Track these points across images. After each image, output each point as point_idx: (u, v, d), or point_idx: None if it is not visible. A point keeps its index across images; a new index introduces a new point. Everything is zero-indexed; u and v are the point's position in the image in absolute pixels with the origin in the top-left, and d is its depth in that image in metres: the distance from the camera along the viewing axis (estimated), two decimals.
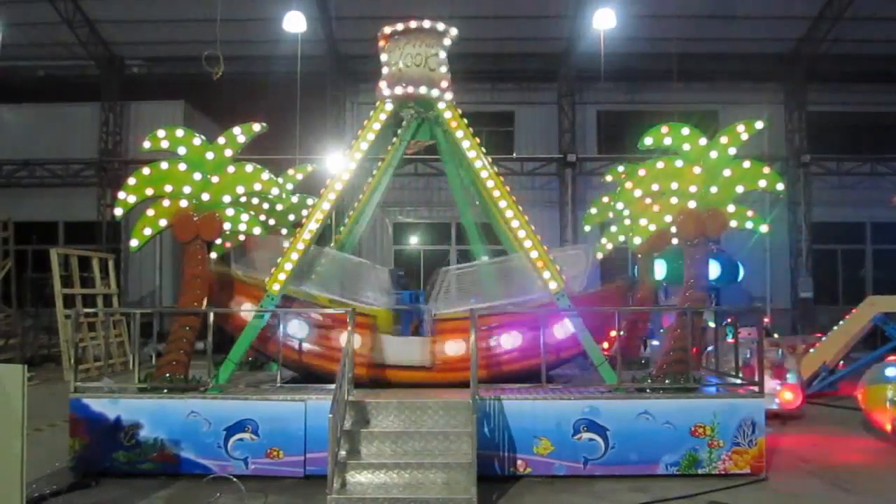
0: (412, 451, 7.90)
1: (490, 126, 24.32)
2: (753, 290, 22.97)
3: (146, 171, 9.23)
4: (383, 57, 9.83)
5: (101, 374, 10.43)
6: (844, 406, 12.68)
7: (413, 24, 9.68)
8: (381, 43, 9.84)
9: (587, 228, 12.87)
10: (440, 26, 9.69)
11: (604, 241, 11.83)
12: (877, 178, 24.85)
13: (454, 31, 9.73)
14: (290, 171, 12.11)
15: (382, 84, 9.78)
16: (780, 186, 9.59)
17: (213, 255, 10.69)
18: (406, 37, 9.71)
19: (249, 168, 9.34)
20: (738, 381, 9.30)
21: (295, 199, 11.89)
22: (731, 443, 8.44)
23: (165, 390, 8.77)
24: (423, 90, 9.67)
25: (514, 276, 10.19)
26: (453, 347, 9.61)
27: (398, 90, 9.70)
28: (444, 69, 9.74)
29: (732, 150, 9.39)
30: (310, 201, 11.61)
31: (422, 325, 10.67)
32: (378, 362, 9.64)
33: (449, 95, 9.75)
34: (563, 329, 9.62)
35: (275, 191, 9.51)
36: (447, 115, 9.79)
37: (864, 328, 13.60)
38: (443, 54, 9.74)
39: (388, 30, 9.76)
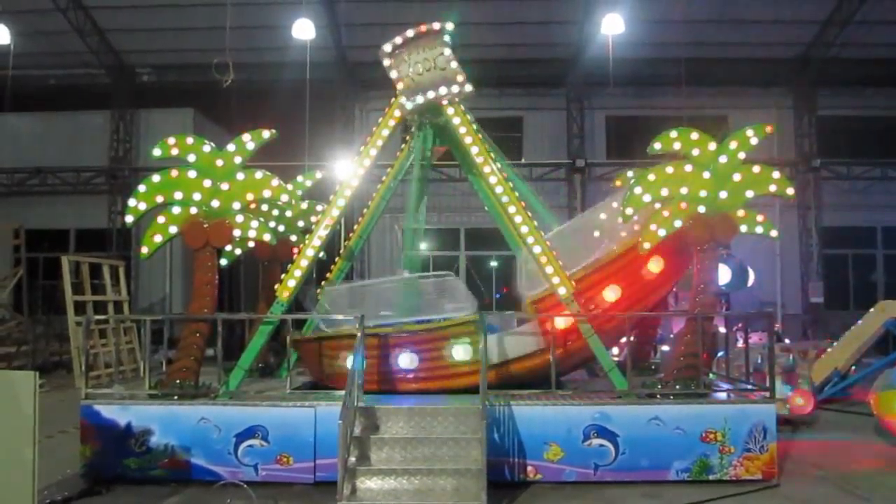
0: (422, 458, 7.89)
1: (498, 131, 24.13)
2: (764, 296, 22.93)
3: (156, 178, 9.28)
4: (393, 74, 9.78)
5: (112, 381, 10.45)
6: (856, 411, 12.59)
7: (410, 32, 9.66)
8: (387, 62, 9.80)
9: (596, 234, 12.83)
10: (435, 26, 9.66)
11: (613, 246, 11.78)
12: (888, 183, 24.74)
13: (450, 26, 9.67)
14: (300, 178, 12.15)
15: (402, 99, 9.73)
16: (791, 191, 9.55)
17: (224, 261, 10.75)
18: (407, 47, 9.69)
19: (259, 175, 9.37)
20: (749, 387, 9.26)
21: (304, 205, 11.94)
22: (742, 448, 8.39)
23: (176, 397, 8.79)
24: (443, 90, 9.63)
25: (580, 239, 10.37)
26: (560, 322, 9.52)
27: (419, 99, 9.67)
28: (454, 65, 9.68)
29: (742, 155, 9.36)
30: (319, 208, 11.65)
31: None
32: (501, 360, 9.51)
33: (468, 87, 9.69)
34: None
35: (284, 197, 9.53)
36: (456, 120, 9.79)
37: (875, 333, 13.49)
38: (448, 51, 9.69)
39: (387, 47, 9.72)
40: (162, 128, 22.66)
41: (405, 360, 9.59)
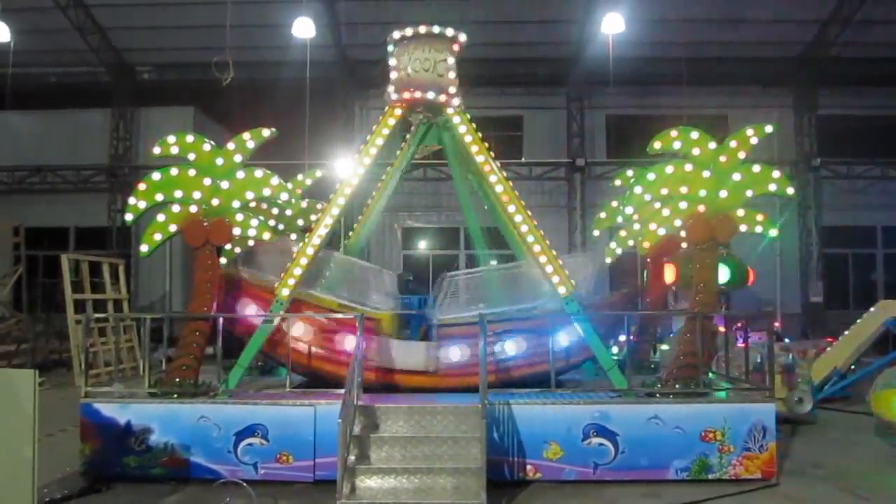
0: (422, 456, 7.90)
1: (498, 131, 24.27)
2: (763, 295, 22.92)
3: (156, 176, 9.29)
4: (392, 62, 9.85)
5: (112, 379, 10.46)
6: (856, 411, 12.60)
7: (422, 29, 9.70)
8: (391, 48, 9.86)
9: (596, 233, 12.86)
10: (449, 32, 9.69)
11: (613, 245, 11.81)
12: (887, 182, 24.75)
13: (463, 37, 9.73)
14: (300, 177, 12.15)
15: (391, 89, 9.81)
16: (791, 190, 9.56)
17: (223, 259, 10.75)
18: (415, 42, 9.73)
19: (259, 173, 9.37)
20: (749, 386, 9.26)
21: (304, 204, 11.94)
22: (741, 448, 8.40)
23: (175, 395, 8.80)
24: (430, 95, 9.69)
25: (521, 283, 10.23)
26: (456, 353, 9.61)
27: (406, 95, 9.72)
28: (452, 75, 9.75)
29: (742, 154, 9.37)
30: (319, 206, 11.65)
31: (430, 330, 10.70)
32: (383, 366, 9.65)
33: (456, 101, 9.76)
34: (569, 336, 9.62)
35: (284, 196, 9.54)
36: (456, 119, 9.81)
37: (875, 332, 13.48)
38: (451, 60, 9.75)
39: (397, 34, 9.78)
40: (162, 126, 22.61)
41: (298, 329, 9.63)
